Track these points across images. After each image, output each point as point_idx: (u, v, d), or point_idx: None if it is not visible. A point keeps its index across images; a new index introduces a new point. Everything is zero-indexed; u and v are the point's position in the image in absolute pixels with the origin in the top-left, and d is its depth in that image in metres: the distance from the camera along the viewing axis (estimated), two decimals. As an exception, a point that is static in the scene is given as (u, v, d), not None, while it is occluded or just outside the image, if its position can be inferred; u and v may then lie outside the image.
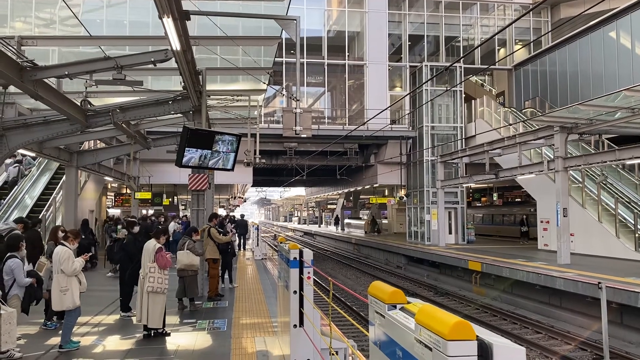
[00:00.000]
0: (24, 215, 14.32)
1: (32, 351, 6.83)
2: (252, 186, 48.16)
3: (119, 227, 12.11)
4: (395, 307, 2.75)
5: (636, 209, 17.18)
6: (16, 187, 17.05)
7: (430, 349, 2.08)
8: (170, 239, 16.37)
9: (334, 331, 5.36)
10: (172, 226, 17.78)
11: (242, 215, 27.18)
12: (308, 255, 5.73)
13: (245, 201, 71.29)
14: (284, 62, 26.21)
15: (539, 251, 20.05)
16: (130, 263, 8.93)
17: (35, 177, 17.63)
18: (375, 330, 2.96)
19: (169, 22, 6.64)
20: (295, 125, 11.00)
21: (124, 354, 6.88)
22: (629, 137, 17.87)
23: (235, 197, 44.96)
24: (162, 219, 20.50)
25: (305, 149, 27.25)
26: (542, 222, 20.53)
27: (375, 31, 27.75)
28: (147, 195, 24.40)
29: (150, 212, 29.13)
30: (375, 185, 32.19)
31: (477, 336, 2.00)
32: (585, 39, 23.51)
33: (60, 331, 7.23)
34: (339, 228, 45.87)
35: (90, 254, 8.73)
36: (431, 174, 25.42)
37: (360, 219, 44.39)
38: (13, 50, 8.22)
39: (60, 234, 8.09)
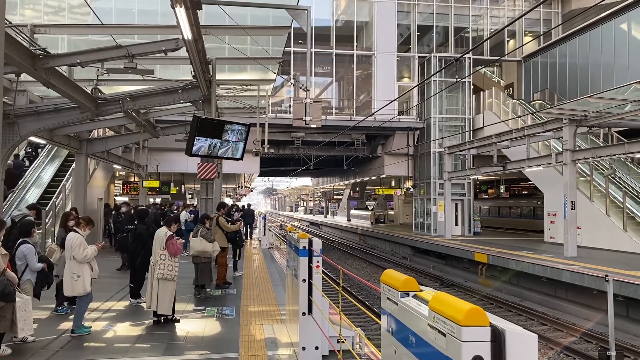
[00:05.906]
0: (35, 201, 14.48)
1: (44, 335, 6.94)
2: (258, 176, 48.26)
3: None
4: (408, 294, 2.79)
5: (644, 202, 17.14)
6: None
7: (444, 335, 2.12)
8: (183, 228, 16.51)
9: (343, 319, 5.41)
10: (184, 215, 17.94)
11: (249, 205, 27.30)
12: (317, 244, 5.76)
13: (251, 190, 71.43)
14: (292, 51, 26.17)
15: (545, 244, 20.04)
16: (142, 250, 9.02)
17: (45, 164, 17.76)
18: (388, 317, 3.00)
19: (181, 11, 6.67)
20: (305, 116, 10.98)
21: (134, 339, 6.98)
22: (639, 131, 17.76)
23: (241, 187, 45.07)
24: (175, 208, 20.68)
25: (313, 139, 27.30)
26: (549, 214, 20.51)
27: (384, 21, 27.58)
28: (155, 183, 24.57)
29: (158, 200, 29.31)
30: (382, 176, 32.20)
31: (490, 322, 2.05)
32: (596, 30, 23.30)
33: (71, 316, 7.33)
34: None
35: (102, 242, 8.78)
36: (438, 165, 25.40)
37: (366, 209, 44.45)
38: (26, 38, 8.28)
39: (71, 221, 8.18)
